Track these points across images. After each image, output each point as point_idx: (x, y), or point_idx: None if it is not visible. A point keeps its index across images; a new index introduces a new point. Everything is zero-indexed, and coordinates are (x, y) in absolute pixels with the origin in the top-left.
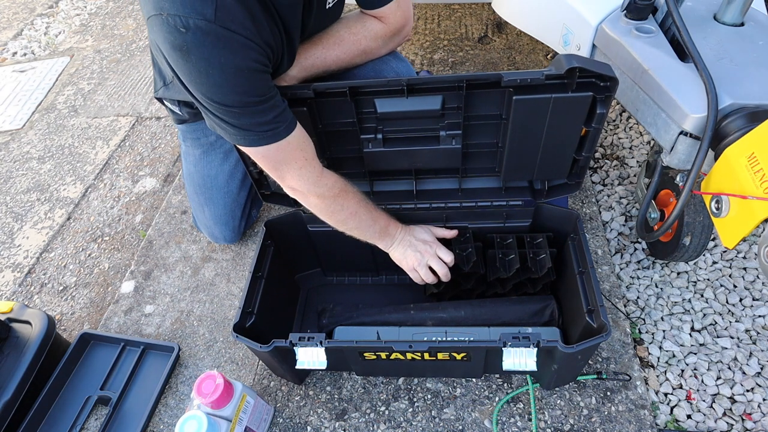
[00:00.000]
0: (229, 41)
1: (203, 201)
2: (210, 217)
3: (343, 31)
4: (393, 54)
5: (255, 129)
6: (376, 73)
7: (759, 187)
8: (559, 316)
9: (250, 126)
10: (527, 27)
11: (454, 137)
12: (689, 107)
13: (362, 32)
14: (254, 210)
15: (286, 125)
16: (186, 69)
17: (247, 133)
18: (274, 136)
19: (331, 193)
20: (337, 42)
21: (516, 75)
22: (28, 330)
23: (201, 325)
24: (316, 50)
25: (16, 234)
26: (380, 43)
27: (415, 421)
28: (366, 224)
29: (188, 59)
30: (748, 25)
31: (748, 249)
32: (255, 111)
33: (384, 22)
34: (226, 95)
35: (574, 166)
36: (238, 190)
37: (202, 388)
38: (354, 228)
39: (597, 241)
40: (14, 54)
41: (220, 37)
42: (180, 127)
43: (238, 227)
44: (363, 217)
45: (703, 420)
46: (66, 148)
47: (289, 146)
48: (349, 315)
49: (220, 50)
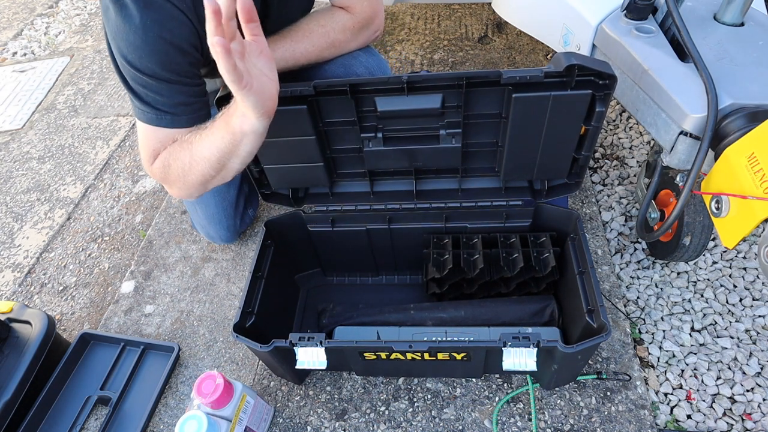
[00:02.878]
0: (161, 8)
1: (195, 200)
2: (203, 217)
3: (312, 24)
4: (364, 49)
5: (157, 106)
6: (345, 68)
7: (759, 187)
8: (559, 316)
9: (153, 101)
10: (527, 27)
11: (454, 136)
12: (689, 107)
13: (330, 24)
14: (251, 209)
15: (189, 117)
16: (115, 22)
17: (147, 107)
18: (173, 122)
19: (163, 165)
20: (306, 35)
21: (515, 73)
22: (28, 330)
23: (201, 325)
24: (285, 43)
25: (16, 234)
26: (349, 36)
27: (415, 421)
28: (213, 145)
29: (119, 12)
30: (748, 25)
31: (748, 249)
32: (165, 87)
33: (351, 13)
34: (141, 59)
35: (574, 165)
36: (227, 188)
37: (202, 388)
38: (212, 163)
39: (597, 241)
40: (14, 54)
41: (155, 1)
42: None
43: (233, 226)
44: (204, 145)
45: (703, 420)
46: (66, 148)
47: (177, 135)
48: (349, 315)
49: (150, 13)
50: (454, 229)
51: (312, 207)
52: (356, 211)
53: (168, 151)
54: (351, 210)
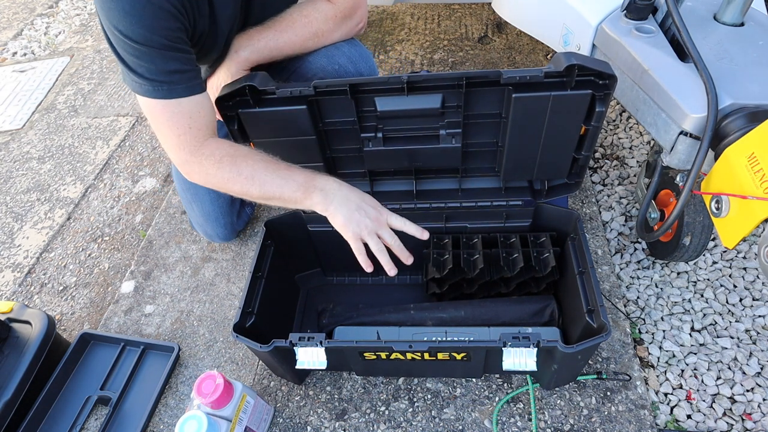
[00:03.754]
0: None
1: (190, 198)
2: (200, 215)
3: (296, 14)
4: (348, 41)
5: (152, 77)
6: (328, 58)
7: (759, 187)
8: (559, 316)
9: (148, 72)
10: (527, 27)
11: (454, 136)
12: (689, 107)
13: (313, 14)
14: (248, 207)
15: (187, 86)
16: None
17: (142, 80)
18: (170, 91)
19: (213, 160)
20: (290, 25)
21: (515, 73)
22: (28, 330)
23: (201, 325)
24: (269, 33)
25: (16, 234)
26: (332, 26)
27: (415, 421)
28: (275, 184)
29: None
30: (748, 25)
31: (748, 249)
32: (157, 54)
33: (333, 3)
34: (131, 26)
35: (574, 165)
36: None
37: (202, 388)
38: (264, 193)
39: (597, 241)
40: (14, 54)
41: None
42: None
43: (230, 224)
44: (266, 178)
45: (703, 420)
46: (66, 148)
47: (178, 107)
48: (349, 315)
49: None
50: (454, 229)
51: None
52: None
53: (235, 153)
54: None
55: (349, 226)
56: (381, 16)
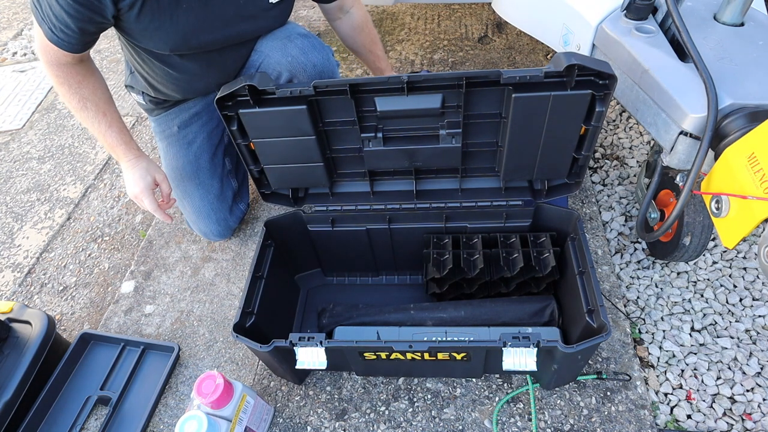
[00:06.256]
0: None
1: (181, 195)
2: (192, 212)
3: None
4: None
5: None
6: (282, 51)
7: (759, 187)
8: (559, 316)
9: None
10: (527, 27)
11: (454, 136)
12: (689, 107)
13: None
14: (241, 203)
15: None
16: None
17: (43, 15)
18: (60, 44)
19: (61, 81)
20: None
21: (515, 73)
22: (28, 330)
23: (201, 325)
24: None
25: (16, 234)
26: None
27: (415, 421)
28: (93, 126)
29: None
30: (748, 25)
31: (748, 249)
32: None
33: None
34: None
35: (574, 165)
36: (210, 179)
37: (202, 388)
38: (86, 122)
39: (597, 241)
40: (14, 54)
41: None
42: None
43: (222, 220)
44: (90, 117)
45: (703, 420)
46: (66, 148)
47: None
48: (349, 315)
49: None
50: (454, 229)
51: (312, 207)
52: (356, 211)
53: (72, 84)
54: (351, 210)
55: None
56: (381, 16)
